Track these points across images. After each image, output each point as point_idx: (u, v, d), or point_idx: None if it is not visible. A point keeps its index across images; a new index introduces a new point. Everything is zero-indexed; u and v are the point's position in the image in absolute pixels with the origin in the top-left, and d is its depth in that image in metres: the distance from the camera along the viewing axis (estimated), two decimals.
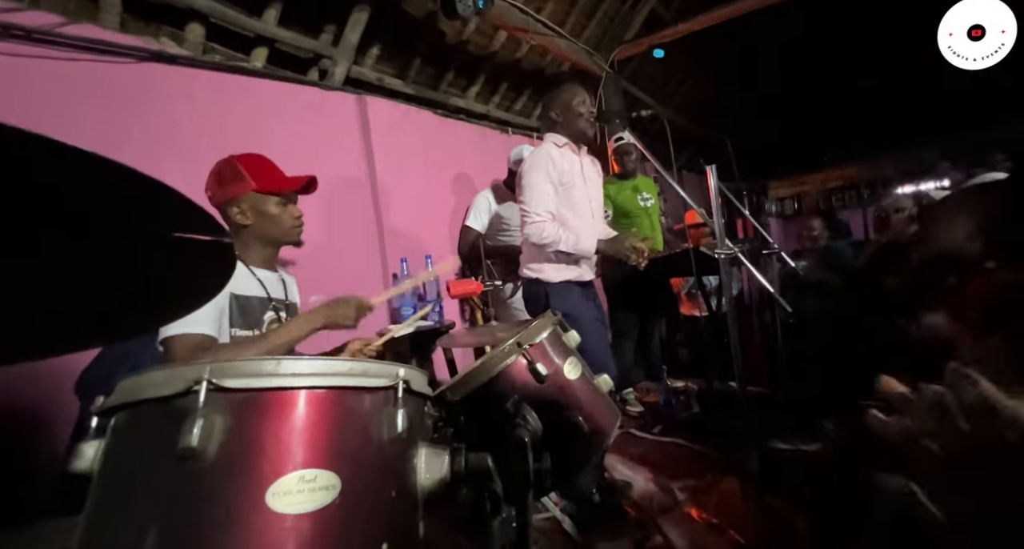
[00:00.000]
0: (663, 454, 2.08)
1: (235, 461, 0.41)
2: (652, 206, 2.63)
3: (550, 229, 1.53)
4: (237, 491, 0.40)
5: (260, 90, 1.82)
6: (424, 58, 2.46)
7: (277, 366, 0.45)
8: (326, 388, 0.48)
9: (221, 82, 1.71)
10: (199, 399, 0.40)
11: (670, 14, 3.34)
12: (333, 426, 0.47)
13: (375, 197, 2.16)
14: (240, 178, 1.05)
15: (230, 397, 0.42)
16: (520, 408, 0.75)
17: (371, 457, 0.49)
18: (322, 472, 0.43)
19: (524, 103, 3.17)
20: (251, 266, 1.07)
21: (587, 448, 0.83)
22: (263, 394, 0.44)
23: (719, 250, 1.34)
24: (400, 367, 0.55)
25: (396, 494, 0.51)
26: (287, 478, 0.41)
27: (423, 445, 0.58)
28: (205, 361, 0.43)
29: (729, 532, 1.48)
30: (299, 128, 1.93)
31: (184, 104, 1.58)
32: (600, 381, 0.91)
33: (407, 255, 2.09)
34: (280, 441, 0.43)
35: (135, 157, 1.46)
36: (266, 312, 1.06)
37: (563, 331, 0.94)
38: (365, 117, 2.15)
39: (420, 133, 2.41)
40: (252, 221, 1.06)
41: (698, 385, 2.76)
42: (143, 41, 1.50)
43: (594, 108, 1.67)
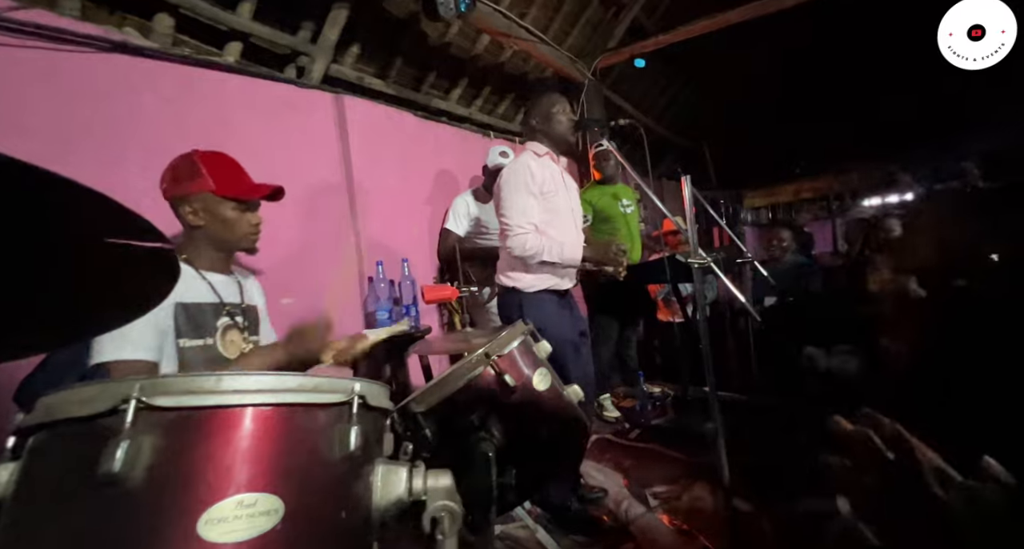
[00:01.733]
0: (638, 460, 2.09)
1: (164, 486, 0.38)
2: (632, 213, 2.67)
3: (533, 241, 1.52)
4: (165, 519, 0.37)
5: (233, 86, 1.76)
6: (406, 59, 2.43)
7: (218, 382, 0.43)
8: (273, 405, 0.46)
9: (191, 76, 1.65)
10: (126, 419, 0.37)
11: (652, 24, 3.39)
12: (278, 446, 0.44)
13: (351, 198, 2.12)
14: (197, 175, 0.98)
15: (162, 416, 0.39)
16: (486, 421, 0.73)
17: (320, 478, 0.46)
18: (263, 496, 0.41)
19: (507, 107, 3.16)
20: (200, 270, 1.01)
21: (555, 460, 0.82)
22: (201, 413, 0.41)
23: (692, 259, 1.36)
24: (356, 381, 0.53)
25: (347, 515, 0.48)
26: (223, 504, 0.39)
27: (380, 462, 0.56)
28: (137, 377, 0.40)
29: (699, 538, 1.49)
30: (273, 126, 1.87)
31: (150, 98, 1.51)
32: (570, 392, 0.90)
33: (383, 258, 2.05)
34: (217, 463, 0.40)
35: (95, 151, 1.40)
36: (219, 318, 1.00)
37: (535, 341, 0.93)
38: (343, 116, 2.10)
39: (400, 134, 2.38)
40: (204, 223, 1.00)
41: (674, 390, 2.80)
42: (105, 30, 1.43)
43: (575, 116, 1.68)
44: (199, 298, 0.98)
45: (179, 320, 0.92)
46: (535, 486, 0.80)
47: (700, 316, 1.41)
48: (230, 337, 1.01)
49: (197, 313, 0.96)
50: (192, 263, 1.00)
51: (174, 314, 0.92)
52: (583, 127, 1.74)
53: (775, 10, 2.63)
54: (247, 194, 1.04)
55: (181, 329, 0.92)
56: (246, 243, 1.07)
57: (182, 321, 0.93)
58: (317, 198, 2.00)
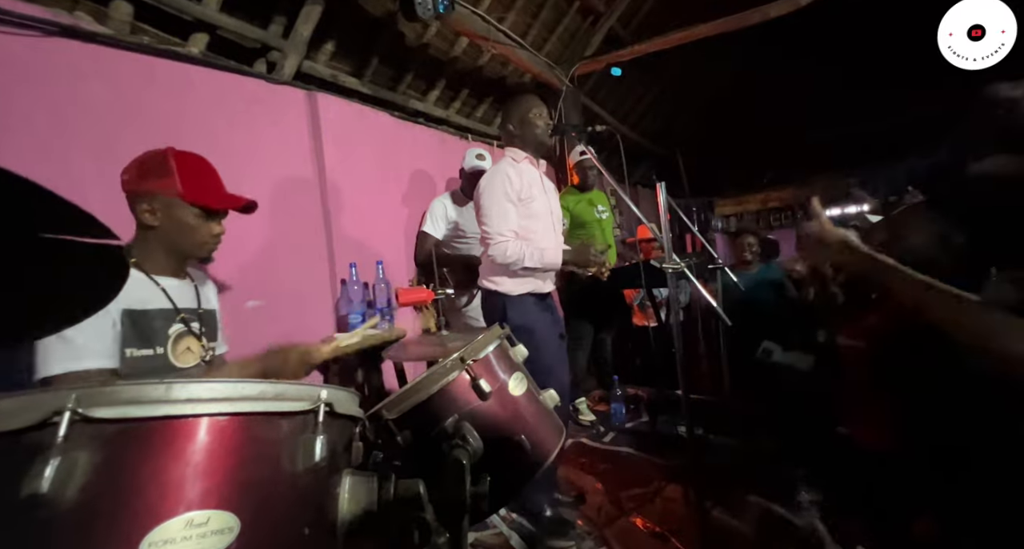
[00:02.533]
0: (613, 463, 2.10)
1: (100, 507, 0.34)
2: (607, 219, 2.70)
3: (513, 248, 1.53)
4: (100, 544, 0.33)
5: (198, 79, 1.68)
6: (382, 58, 2.39)
7: (168, 391, 0.39)
8: (230, 415, 0.42)
9: (151, 67, 1.56)
10: (58, 433, 0.34)
11: (627, 35, 3.47)
12: (234, 458, 0.41)
13: (324, 198, 2.05)
14: (166, 175, 0.92)
15: (101, 430, 0.36)
16: (460, 428, 0.71)
17: (281, 491, 0.43)
18: (216, 513, 0.38)
19: (485, 111, 3.16)
20: (152, 274, 0.94)
21: (530, 466, 0.81)
22: (147, 425, 0.38)
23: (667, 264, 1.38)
24: (322, 388, 0.50)
25: (311, 531, 0.45)
26: (170, 523, 0.35)
27: (347, 473, 0.53)
28: (73, 386, 0.36)
29: (672, 540, 1.51)
30: (241, 121, 1.79)
31: (102, 88, 1.42)
32: (546, 397, 0.90)
33: (357, 260, 1.99)
34: (164, 480, 0.37)
35: (38, 142, 1.30)
36: (172, 325, 0.93)
37: (511, 345, 0.91)
38: (316, 114, 2.04)
39: (375, 134, 2.33)
40: (159, 224, 0.92)
41: (648, 393, 2.84)
42: (52, 13, 1.34)
43: (552, 120, 1.69)
44: (148, 304, 0.90)
45: (125, 327, 0.85)
46: (510, 493, 0.78)
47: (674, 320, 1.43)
48: (185, 345, 0.95)
49: (144, 320, 0.89)
50: (141, 267, 0.93)
51: (120, 321, 0.85)
52: (561, 132, 1.75)
53: (743, 26, 2.74)
54: (214, 203, 0.97)
55: (127, 337, 0.85)
56: (201, 252, 1.00)
57: (128, 329, 0.86)
58: (287, 197, 1.93)
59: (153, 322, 0.90)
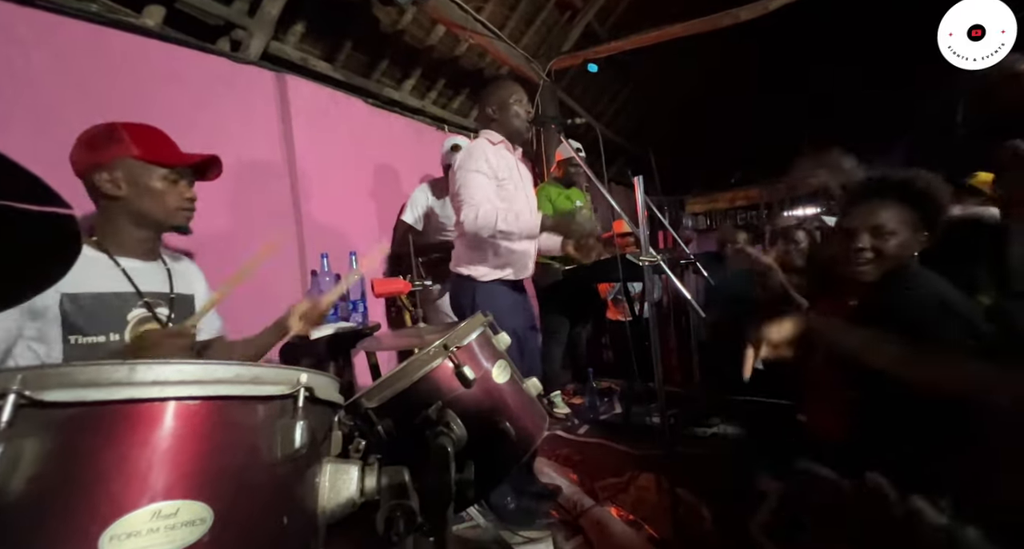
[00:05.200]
0: (587, 455, 2.13)
1: (53, 499, 0.31)
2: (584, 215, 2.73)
3: (485, 210, 1.44)
4: (53, 538, 0.30)
5: (155, 53, 1.56)
6: (356, 43, 2.30)
7: (131, 373, 0.36)
8: (201, 398, 0.39)
9: (101, 37, 1.44)
10: (1, 418, 0.30)
11: (604, 31, 3.50)
12: (206, 446, 0.38)
13: (294, 185, 1.96)
14: (117, 141, 0.85)
15: (53, 415, 0.32)
16: (444, 414, 0.70)
17: (258, 480, 0.41)
18: (187, 503, 0.35)
19: (462, 102, 3.11)
20: (114, 255, 0.86)
21: (514, 453, 0.80)
22: (107, 409, 0.34)
23: (643, 257, 1.41)
24: (302, 372, 0.47)
25: (289, 521, 0.43)
26: (134, 515, 0.32)
27: (328, 461, 0.50)
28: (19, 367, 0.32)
29: (645, 527, 1.54)
30: (203, 99, 1.68)
31: (44, 58, 1.30)
32: (529, 384, 0.89)
33: (329, 250, 1.92)
34: (127, 468, 0.33)
35: None
36: (131, 309, 0.86)
37: (493, 333, 0.90)
38: (285, 97, 1.95)
39: (348, 121, 2.25)
40: (125, 193, 0.85)
41: (621, 386, 2.90)
42: None
43: (531, 109, 1.68)
44: (101, 287, 0.83)
45: (68, 313, 0.77)
46: (495, 480, 0.77)
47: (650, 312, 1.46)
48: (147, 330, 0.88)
49: (94, 304, 0.81)
50: (103, 246, 0.85)
51: (59, 306, 0.77)
52: (540, 123, 1.74)
53: (714, 28, 2.82)
54: (175, 159, 0.91)
55: (71, 324, 0.78)
56: (177, 219, 0.93)
57: (73, 313, 0.78)
58: (255, 181, 1.83)
59: (105, 306, 0.82)
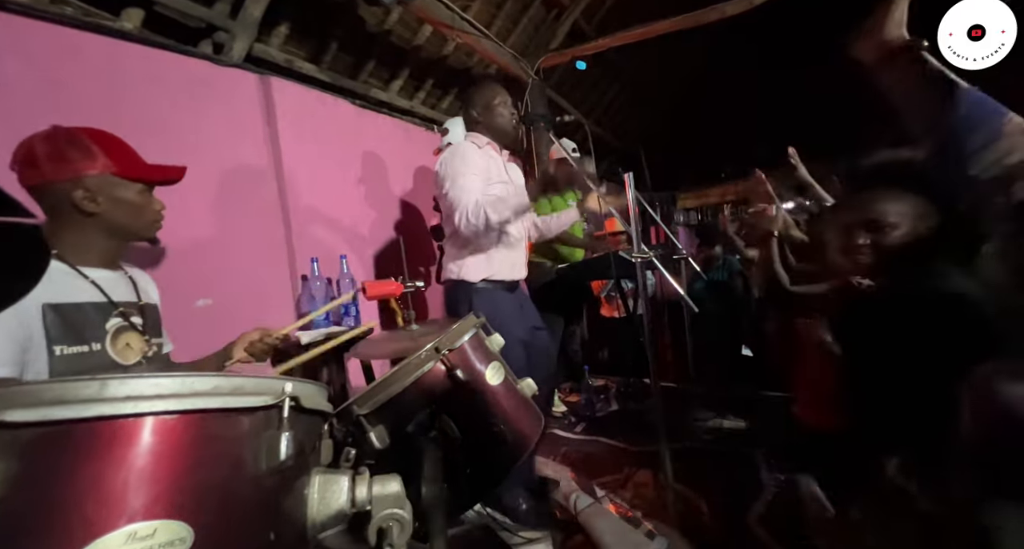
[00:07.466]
0: (585, 453, 2.13)
1: (17, 524, 0.29)
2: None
3: (472, 208, 1.41)
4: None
5: (133, 56, 1.53)
6: (342, 44, 2.27)
7: (102, 388, 0.34)
8: (179, 413, 0.38)
9: (77, 42, 1.40)
10: None
11: (591, 29, 3.50)
12: (185, 462, 0.36)
13: (281, 189, 1.94)
14: (89, 155, 0.83)
15: (16, 435, 0.30)
16: (437, 419, 0.68)
17: (241, 495, 0.39)
18: (165, 523, 0.33)
19: (451, 102, 3.09)
20: (79, 266, 0.85)
21: (510, 456, 0.79)
22: (77, 428, 0.33)
23: (636, 254, 1.40)
24: (287, 381, 0.46)
25: (277, 536, 0.41)
26: (108, 538, 0.31)
27: (317, 472, 0.49)
28: None
29: (643, 522, 1.54)
30: (184, 104, 1.65)
31: (16, 62, 1.26)
32: (524, 386, 0.88)
33: (319, 255, 1.89)
34: (99, 490, 0.32)
35: None
36: (109, 319, 0.85)
37: (486, 334, 0.89)
38: (270, 99, 1.92)
39: (336, 123, 2.22)
40: (102, 210, 0.84)
41: (616, 383, 2.90)
42: None
43: (515, 109, 1.67)
44: (77, 297, 0.81)
45: (50, 325, 0.76)
46: (491, 484, 0.76)
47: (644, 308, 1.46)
48: (126, 340, 0.86)
49: (75, 315, 0.79)
50: (65, 259, 0.83)
51: (42, 318, 0.75)
52: (529, 122, 1.73)
53: (701, 23, 2.82)
54: (154, 175, 0.91)
55: (53, 335, 0.76)
56: (152, 231, 0.94)
57: (54, 325, 0.76)
58: (241, 186, 1.80)
59: (84, 316, 0.81)
